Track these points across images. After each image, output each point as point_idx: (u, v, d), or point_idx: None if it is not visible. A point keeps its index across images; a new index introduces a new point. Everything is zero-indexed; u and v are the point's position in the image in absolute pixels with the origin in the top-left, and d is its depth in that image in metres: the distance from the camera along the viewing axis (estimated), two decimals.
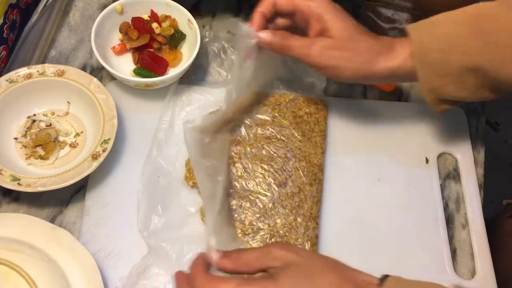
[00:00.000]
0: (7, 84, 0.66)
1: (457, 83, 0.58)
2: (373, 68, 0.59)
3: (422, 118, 0.73)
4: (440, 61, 0.57)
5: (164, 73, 0.70)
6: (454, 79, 0.58)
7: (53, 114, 0.69)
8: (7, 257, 0.54)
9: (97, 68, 0.74)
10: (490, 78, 0.57)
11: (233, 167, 0.65)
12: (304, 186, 0.65)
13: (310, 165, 0.66)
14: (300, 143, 0.67)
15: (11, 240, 0.56)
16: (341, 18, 0.60)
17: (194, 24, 0.71)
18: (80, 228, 0.63)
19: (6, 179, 0.60)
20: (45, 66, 0.67)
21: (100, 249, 0.61)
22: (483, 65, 0.56)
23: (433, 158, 0.71)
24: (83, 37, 0.77)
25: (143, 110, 0.71)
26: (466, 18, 0.57)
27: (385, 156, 0.70)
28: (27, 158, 0.65)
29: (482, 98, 0.60)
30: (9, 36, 0.71)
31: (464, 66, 0.57)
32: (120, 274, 0.60)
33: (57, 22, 0.76)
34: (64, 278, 0.55)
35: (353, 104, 0.73)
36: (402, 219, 0.66)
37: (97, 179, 0.65)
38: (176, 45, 0.73)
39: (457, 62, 0.57)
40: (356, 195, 0.67)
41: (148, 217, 0.62)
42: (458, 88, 0.59)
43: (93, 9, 0.80)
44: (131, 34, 0.71)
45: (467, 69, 0.57)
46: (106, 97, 0.66)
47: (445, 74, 0.58)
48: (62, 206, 0.65)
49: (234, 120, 0.68)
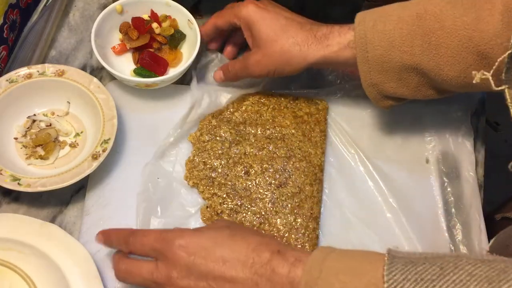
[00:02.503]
0: (7, 84, 0.66)
1: (398, 81, 0.58)
2: (307, 59, 0.61)
3: (422, 118, 0.73)
4: (381, 58, 0.58)
5: (164, 73, 0.70)
6: (394, 77, 0.58)
7: (53, 114, 0.69)
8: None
9: (97, 68, 0.74)
10: (430, 78, 0.57)
11: (233, 167, 0.65)
12: (304, 186, 0.65)
13: (310, 165, 0.66)
14: (300, 143, 0.67)
15: (1, 239, 0.56)
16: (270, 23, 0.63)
17: (194, 24, 0.71)
18: (80, 228, 0.63)
19: (6, 179, 0.60)
20: (45, 66, 0.67)
21: (100, 249, 0.61)
22: (423, 65, 0.56)
23: (433, 158, 0.71)
24: (83, 37, 0.77)
25: (143, 110, 0.71)
26: (411, 15, 0.57)
27: (385, 156, 0.70)
28: (27, 158, 0.65)
29: (426, 96, 0.60)
30: (9, 36, 0.70)
31: (404, 65, 0.57)
32: None
33: (57, 22, 0.76)
34: (59, 271, 0.55)
35: (353, 104, 0.73)
36: (402, 219, 0.66)
37: (97, 179, 0.65)
38: (176, 45, 0.73)
39: (398, 61, 0.57)
40: (356, 195, 0.67)
41: (147, 220, 0.62)
42: (399, 86, 0.59)
43: (93, 9, 0.80)
44: (131, 34, 0.71)
45: (407, 68, 0.57)
46: (106, 97, 0.66)
47: (386, 71, 0.58)
48: (62, 206, 0.65)
49: (234, 120, 0.68)
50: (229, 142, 0.66)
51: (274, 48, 0.62)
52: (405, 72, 0.58)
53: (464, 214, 0.68)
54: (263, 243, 0.49)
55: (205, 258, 0.49)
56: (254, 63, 0.64)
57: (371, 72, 0.59)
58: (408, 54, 0.56)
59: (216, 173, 0.65)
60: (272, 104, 0.70)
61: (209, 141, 0.66)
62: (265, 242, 0.50)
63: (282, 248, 0.49)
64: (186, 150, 0.67)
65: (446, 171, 0.70)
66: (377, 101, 0.62)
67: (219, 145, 0.66)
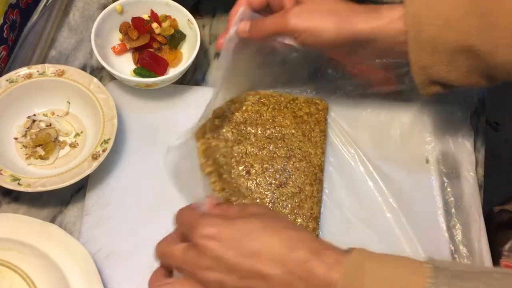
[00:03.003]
0: (7, 84, 0.66)
1: (449, 63, 0.56)
2: (354, 27, 0.56)
3: (422, 118, 0.73)
4: (435, 38, 0.54)
5: (164, 73, 0.70)
6: (446, 59, 0.55)
7: (53, 114, 0.69)
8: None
9: (97, 68, 0.74)
10: (483, 61, 0.54)
11: (236, 166, 0.65)
12: (305, 186, 0.65)
13: (310, 165, 0.66)
14: (300, 143, 0.67)
15: (1, 239, 0.56)
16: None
17: (194, 24, 0.71)
18: (80, 228, 0.63)
19: (6, 179, 0.60)
20: (45, 66, 0.67)
21: (100, 249, 0.61)
22: (478, 46, 0.53)
23: (433, 158, 0.71)
24: (83, 37, 0.77)
25: (143, 110, 0.71)
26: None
27: (385, 156, 0.70)
28: (27, 158, 0.65)
29: (474, 83, 0.57)
30: (9, 36, 0.70)
31: (458, 46, 0.54)
32: (120, 274, 0.60)
33: (57, 22, 0.76)
34: (59, 271, 0.55)
35: (353, 104, 0.73)
36: (402, 219, 0.66)
37: (97, 179, 0.65)
38: (176, 45, 0.73)
39: (452, 41, 0.54)
40: (356, 195, 0.67)
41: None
42: (450, 70, 0.56)
43: (93, 9, 0.80)
44: (131, 34, 0.71)
45: (460, 50, 0.54)
46: (106, 97, 0.66)
47: (438, 53, 0.55)
48: (62, 206, 0.65)
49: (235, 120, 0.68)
50: (231, 141, 0.66)
51: (323, 6, 0.57)
52: (457, 55, 0.55)
53: (464, 214, 0.67)
54: (298, 240, 0.46)
55: (235, 251, 0.46)
56: (296, 14, 0.57)
57: (422, 53, 0.55)
58: (464, 34, 0.53)
59: (223, 170, 0.65)
60: (272, 104, 0.70)
61: (214, 139, 0.66)
62: (300, 238, 0.46)
63: (317, 247, 0.46)
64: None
65: (446, 171, 0.70)
66: (424, 86, 0.58)
67: (223, 143, 0.66)
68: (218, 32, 0.79)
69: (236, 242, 0.46)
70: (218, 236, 0.46)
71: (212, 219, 0.48)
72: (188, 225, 0.49)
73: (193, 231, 0.47)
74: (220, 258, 0.46)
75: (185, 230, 0.49)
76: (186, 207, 0.52)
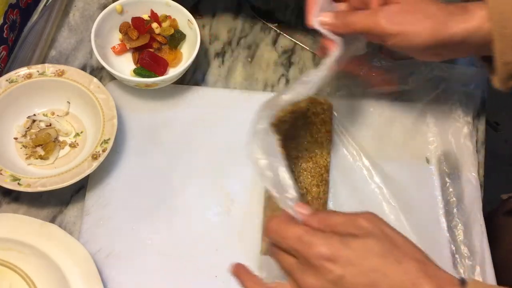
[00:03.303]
0: (7, 84, 0.66)
1: None
2: (449, 30, 0.55)
3: (423, 118, 0.73)
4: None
5: (164, 73, 0.70)
6: None
7: (53, 114, 0.69)
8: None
9: (97, 68, 0.74)
10: None
11: None
12: (311, 187, 0.64)
13: (317, 166, 0.66)
14: (308, 143, 0.67)
15: (1, 239, 0.56)
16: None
17: (194, 24, 0.71)
18: (80, 228, 0.63)
19: (6, 179, 0.60)
20: (45, 66, 0.67)
21: (100, 249, 0.61)
22: None
23: (434, 159, 0.71)
24: (83, 37, 0.77)
25: (143, 110, 0.71)
26: None
27: (386, 156, 0.70)
28: (27, 158, 0.65)
29: None
30: (9, 36, 0.70)
31: None
32: (120, 274, 0.60)
33: (57, 22, 0.76)
34: (59, 271, 0.55)
35: (354, 103, 0.73)
36: (402, 219, 0.66)
37: (97, 179, 0.65)
38: (176, 45, 0.73)
39: None
40: (357, 196, 0.67)
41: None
42: None
43: (93, 9, 0.80)
44: (131, 34, 0.71)
45: None
46: (106, 97, 0.66)
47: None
48: (62, 206, 0.65)
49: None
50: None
51: (416, 7, 0.55)
52: None
53: (465, 214, 0.67)
54: (421, 272, 0.44)
55: (354, 277, 0.44)
56: (388, 15, 0.55)
57: (508, 49, 0.54)
58: None
59: None
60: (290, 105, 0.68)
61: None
62: (423, 270, 0.44)
63: (441, 282, 0.44)
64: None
65: (447, 172, 0.70)
66: (504, 81, 0.57)
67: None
68: (218, 32, 0.79)
69: (354, 267, 0.44)
70: (336, 258, 0.45)
71: (325, 237, 0.46)
72: (296, 242, 0.47)
73: (307, 250, 0.46)
74: (337, 283, 0.45)
75: (293, 246, 0.47)
76: (279, 220, 0.49)
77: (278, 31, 0.80)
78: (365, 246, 0.45)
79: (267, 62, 0.77)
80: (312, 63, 0.78)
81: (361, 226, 0.47)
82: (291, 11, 0.82)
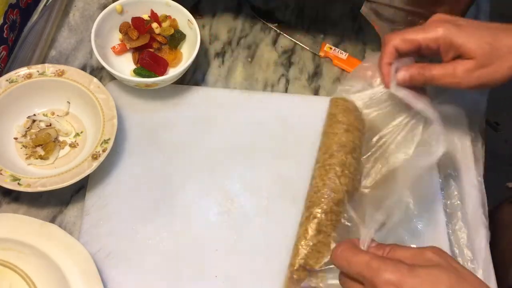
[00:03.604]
0: (7, 84, 0.66)
1: None
2: None
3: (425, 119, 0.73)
4: None
5: (164, 73, 0.70)
6: None
7: (53, 114, 0.69)
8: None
9: (97, 68, 0.75)
10: None
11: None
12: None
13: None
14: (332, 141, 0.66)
15: (1, 239, 0.56)
16: (473, 35, 0.58)
17: (194, 24, 0.71)
18: (80, 228, 0.63)
19: (6, 179, 0.60)
20: (45, 66, 0.67)
21: (100, 249, 0.61)
22: None
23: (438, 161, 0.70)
24: (83, 37, 0.77)
25: (143, 110, 0.71)
26: None
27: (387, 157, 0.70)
28: (27, 158, 0.65)
29: None
30: (9, 36, 0.71)
31: None
32: (120, 274, 0.60)
33: (57, 22, 0.76)
34: (59, 271, 0.55)
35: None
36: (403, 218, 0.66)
37: (97, 179, 0.65)
38: (176, 45, 0.73)
39: None
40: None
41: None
42: None
43: (93, 9, 0.80)
44: (131, 34, 0.71)
45: None
46: (106, 97, 0.66)
47: None
48: (62, 206, 0.65)
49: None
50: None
51: (493, 57, 0.58)
52: None
53: (466, 215, 0.67)
54: None
55: None
56: (464, 74, 0.59)
57: None
58: None
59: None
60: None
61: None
62: None
63: None
64: None
65: (448, 172, 0.70)
66: None
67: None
68: (218, 32, 0.79)
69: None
70: (402, 285, 0.44)
71: (394, 264, 0.46)
72: (363, 267, 0.47)
73: (374, 276, 0.46)
74: None
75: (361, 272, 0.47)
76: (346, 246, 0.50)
77: (278, 31, 0.80)
78: (433, 276, 0.45)
79: (267, 62, 0.77)
80: (312, 63, 0.78)
81: (429, 258, 0.47)
82: (291, 11, 0.82)
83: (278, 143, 0.70)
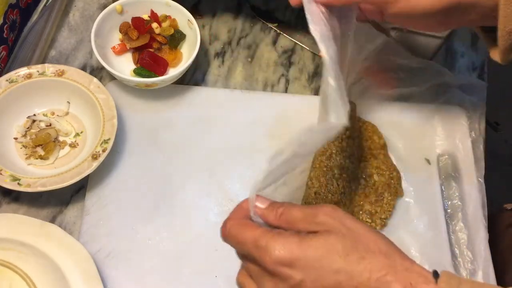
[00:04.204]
0: (7, 84, 0.66)
1: None
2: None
3: (423, 119, 0.73)
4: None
5: (164, 73, 0.70)
6: None
7: (53, 114, 0.69)
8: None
9: (97, 68, 0.74)
10: None
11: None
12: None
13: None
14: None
15: (1, 239, 0.56)
16: None
17: (194, 24, 0.71)
18: (80, 228, 0.63)
19: (6, 179, 0.60)
20: (45, 66, 0.67)
21: (100, 249, 0.61)
22: None
23: (433, 159, 0.71)
24: (83, 37, 0.77)
25: (143, 110, 0.71)
26: None
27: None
28: (27, 158, 0.65)
29: None
30: (9, 36, 0.71)
31: None
32: (120, 274, 0.60)
33: (57, 22, 0.76)
34: (59, 271, 0.55)
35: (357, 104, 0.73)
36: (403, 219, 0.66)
37: (97, 179, 0.65)
38: (176, 45, 0.73)
39: None
40: None
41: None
42: None
43: (93, 9, 0.80)
44: (131, 34, 0.71)
45: None
46: (106, 97, 0.66)
47: None
48: (62, 206, 0.65)
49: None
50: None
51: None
52: None
53: (466, 215, 0.67)
54: (387, 269, 0.40)
55: (315, 281, 0.41)
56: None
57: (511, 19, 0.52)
58: None
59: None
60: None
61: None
62: (389, 264, 0.41)
63: (408, 276, 0.40)
64: None
65: (448, 172, 0.70)
66: (505, 53, 0.55)
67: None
68: (218, 32, 0.79)
69: (316, 270, 0.41)
70: (294, 262, 0.41)
71: (282, 239, 0.42)
72: (252, 247, 0.43)
73: (263, 256, 0.42)
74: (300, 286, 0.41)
75: (251, 252, 0.43)
76: (234, 222, 0.45)
77: (278, 31, 0.80)
78: (326, 245, 0.41)
79: (267, 62, 0.77)
80: (312, 63, 0.78)
81: (322, 221, 0.43)
82: (291, 11, 0.82)
83: (278, 143, 0.70)
